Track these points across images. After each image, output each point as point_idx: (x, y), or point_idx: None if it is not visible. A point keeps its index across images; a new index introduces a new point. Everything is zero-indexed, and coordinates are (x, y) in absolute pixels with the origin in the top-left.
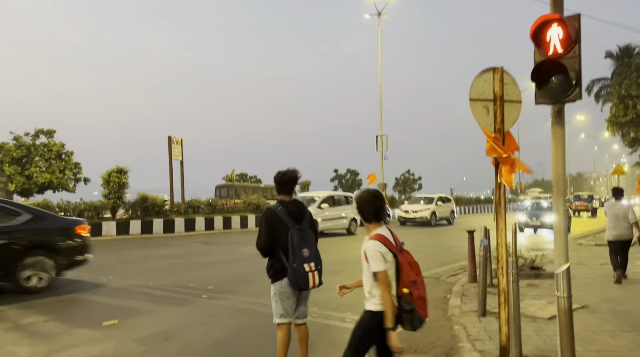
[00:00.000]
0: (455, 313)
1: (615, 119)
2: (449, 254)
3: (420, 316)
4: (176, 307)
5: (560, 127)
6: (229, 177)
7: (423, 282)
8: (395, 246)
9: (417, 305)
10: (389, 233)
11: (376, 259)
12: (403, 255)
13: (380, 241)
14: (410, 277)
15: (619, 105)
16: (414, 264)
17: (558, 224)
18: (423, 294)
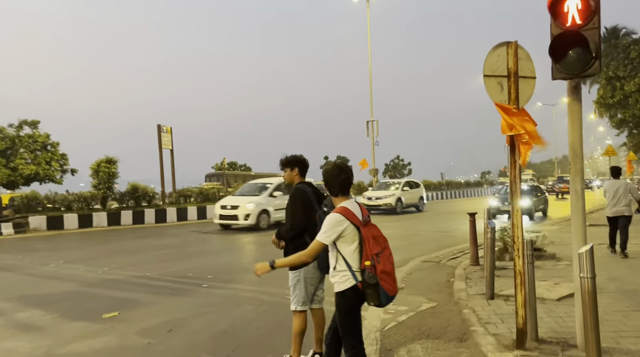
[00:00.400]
0: (462, 297)
1: (602, 101)
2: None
3: (387, 292)
4: (177, 298)
5: (578, 102)
6: (218, 166)
7: (390, 257)
8: (359, 219)
9: (381, 279)
10: (356, 207)
11: (326, 229)
12: (368, 228)
13: (342, 213)
14: (374, 250)
15: (607, 87)
16: (380, 238)
17: (575, 203)
18: (389, 268)
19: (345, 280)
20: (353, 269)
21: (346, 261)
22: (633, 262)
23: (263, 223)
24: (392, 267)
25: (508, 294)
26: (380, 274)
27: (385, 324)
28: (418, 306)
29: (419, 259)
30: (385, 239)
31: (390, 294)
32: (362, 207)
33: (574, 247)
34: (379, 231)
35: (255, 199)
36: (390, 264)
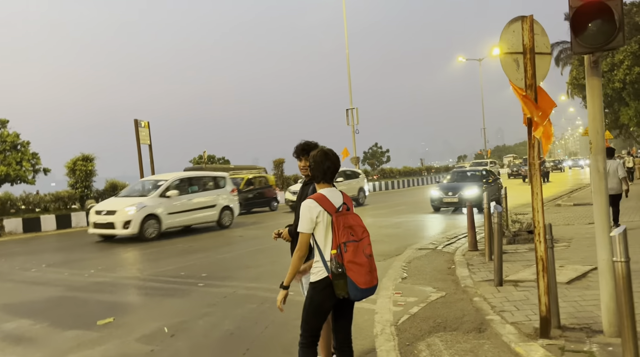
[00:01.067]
0: (468, 284)
1: (576, 81)
2: None
3: (356, 283)
4: (173, 299)
5: (597, 78)
6: (196, 160)
7: (367, 248)
8: (333, 206)
9: (348, 269)
10: (336, 195)
11: (303, 219)
12: (343, 217)
13: (316, 199)
14: (342, 238)
15: (580, 68)
16: (357, 228)
17: (598, 183)
18: (360, 259)
19: (317, 271)
20: (326, 259)
21: (319, 250)
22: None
23: (150, 232)
24: (365, 259)
25: (516, 280)
26: (347, 263)
27: (398, 317)
28: (427, 296)
29: (415, 246)
30: (364, 229)
31: (360, 286)
32: (346, 196)
33: (598, 229)
34: (359, 220)
35: (139, 200)
36: (364, 255)
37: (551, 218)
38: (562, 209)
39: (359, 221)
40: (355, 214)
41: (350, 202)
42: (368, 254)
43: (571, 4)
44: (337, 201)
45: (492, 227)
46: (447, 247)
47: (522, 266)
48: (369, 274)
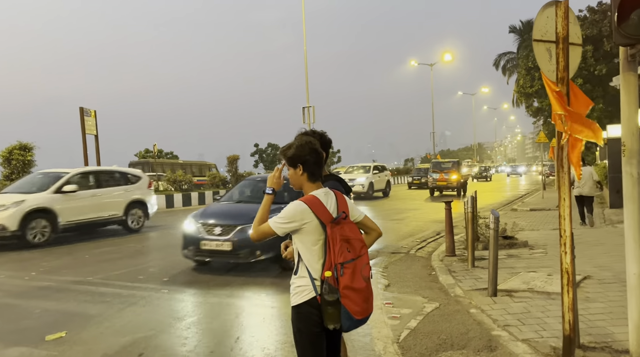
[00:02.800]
0: (459, 294)
1: (522, 90)
2: None
3: (351, 313)
4: (135, 308)
5: (634, 73)
6: (142, 154)
7: (365, 269)
8: (329, 215)
9: (344, 296)
10: (331, 198)
11: (283, 215)
12: (339, 228)
13: (309, 203)
14: (339, 258)
15: (526, 77)
16: (355, 242)
17: (631, 189)
18: (359, 284)
19: (302, 290)
20: (314, 277)
21: (306, 266)
22: (605, 245)
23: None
24: (364, 284)
25: (508, 289)
26: (343, 289)
27: (398, 332)
28: (421, 307)
29: (387, 250)
30: (363, 243)
31: (356, 317)
32: (341, 198)
33: (629, 240)
34: (356, 232)
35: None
36: (362, 278)
37: (515, 222)
38: (520, 214)
39: (357, 232)
40: (352, 223)
41: (346, 206)
42: (367, 276)
43: None
44: (333, 207)
45: (474, 232)
46: (420, 252)
47: (507, 273)
48: (366, 301)
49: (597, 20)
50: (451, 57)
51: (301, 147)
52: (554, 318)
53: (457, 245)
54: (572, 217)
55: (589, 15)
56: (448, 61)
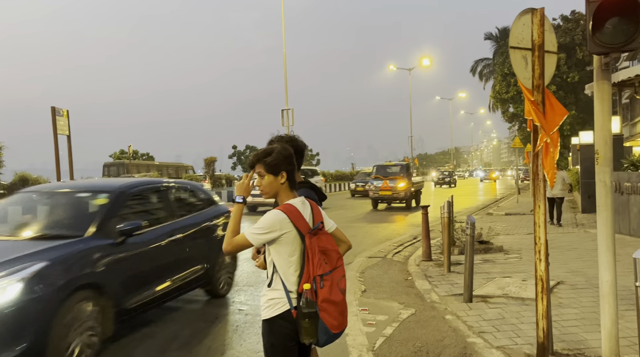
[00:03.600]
0: (435, 299)
1: (498, 96)
2: None
3: (328, 327)
4: None
5: (607, 82)
6: (117, 155)
7: (342, 281)
8: (307, 225)
9: (322, 310)
10: (307, 208)
11: (261, 225)
12: (317, 239)
13: (288, 212)
14: (318, 270)
15: (502, 83)
16: (332, 253)
17: (604, 198)
18: (337, 297)
19: (275, 303)
20: (289, 290)
21: (281, 278)
22: (577, 250)
23: None
24: (341, 296)
25: (484, 295)
26: (322, 302)
27: (373, 340)
28: (397, 314)
29: (364, 254)
30: (339, 254)
31: (332, 331)
32: (315, 208)
33: (601, 248)
34: (333, 243)
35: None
36: (340, 291)
37: (491, 227)
38: (496, 218)
39: (333, 243)
40: (328, 234)
41: (321, 216)
42: (343, 288)
43: None
44: (309, 217)
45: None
46: (397, 256)
47: (482, 279)
48: (342, 314)
49: (570, 29)
50: (429, 62)
51: (285, 155)
52: (528, 324)
53: (433, 249)
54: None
55: (562, 23)
56: (426, 66)
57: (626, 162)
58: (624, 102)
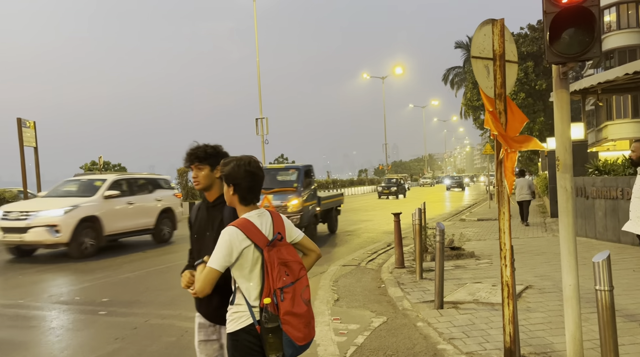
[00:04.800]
0: (407, 307)
1: (470, 103)
2: None
3: (293, 340)
4: (71, 333)
5: (566, 91)
6: (88, 166)
7: (305, 292)
8: (264, 237)
9: (285, 322)
10: (266, 219)
11: (218, 250)
12: (277, 251)
13: (243, 228)
14: (278, 282)
15: (473, 90)
16: (293, 264)
17: (565, 203)
18: (300, 309)
19: (239, 317)
20: (252, 304)
21: (243, 293)
22: (544, 255)
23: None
24: (305, 307)
25: (454, 301)
26: (284, 315)
27: (345, 350)
28: (369, 323)
29: (338, 262)
30: (302, 265)
31: (298, 344)
32: (277, 219)
33: (564, 252)
34: (294, 254)
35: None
36: (303, 302)
37: (462, 233)
38: (468, 223)
39: (295, 254)
40: (289, 245)
41: (283, 227)
42: (307, 299)
43: (546, 9)
44: (268, 229)
45: (422, 243)
46: (370, 264)
47: (453, 285)
48: (308, 326)
49: (537, 38)
50: (402, 70)
51: (237, 168)
52: (497, 329)
53: (406, 256)
54: (513, 227)
55: (529, 32)
56: (399, 74)
57: (590, 167)
58: (589, 109)
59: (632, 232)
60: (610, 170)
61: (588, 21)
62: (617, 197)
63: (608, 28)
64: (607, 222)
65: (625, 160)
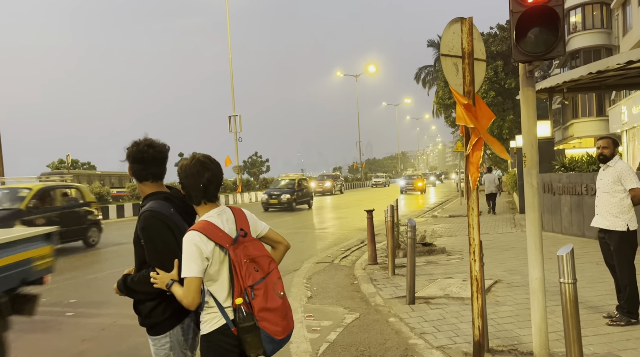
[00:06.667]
0: (379, 302)
1: (441, 101)
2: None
3: (272, 335)
4: (36, 335)
5: (532, 88)
6: (55, 165)
7: (277, 285)
8: (227, 236)
9: (261, 319)
10: (227, 216)
11: (189, 258)
12: (243, 248)
13: (204, 231)
14: (248, 280)
15: (445, 89)
16: (262, 259)
17: (532, 198)
18: (274, 303)
19: (212, 318)
20: (223, 305)
21: (213, 295)
22: (512, 250)
23: None
24: (279, 301)
25: (426, 296)
26: (259, 312)
27: (317, 346)
28: (342, 319)
29: (312, 260)
30: (271, 259)
31: (277, 338)
32: (239, 215)
33: (530, 246)
34: (261, 248)
35: None
36: (276, 295)
37: (434, 229)
38: (440, 220)
39: (262, 248)
40: (255, 240)
41: (246, 222)
42: (280, 292)
43: (512, 8)
44: (230, 227)
45: (395, 240)
46: (344, 261)
47: (425, 280)
48: (285, 318)
49: (507, 37)
50: (375, 68)
51: (182, 167)
52: (466, 323)
53: (379, 253)
54: (482, 223)
55: (498, 32)
56: (372, 72)
57: (557, 163)
58: (556, 108)
59: (598, 226)
60: (575, 167)
61: (552, 21)
62: (581, 193)
63: (574, 29)
64: (573, 217)
65: (590, 157)
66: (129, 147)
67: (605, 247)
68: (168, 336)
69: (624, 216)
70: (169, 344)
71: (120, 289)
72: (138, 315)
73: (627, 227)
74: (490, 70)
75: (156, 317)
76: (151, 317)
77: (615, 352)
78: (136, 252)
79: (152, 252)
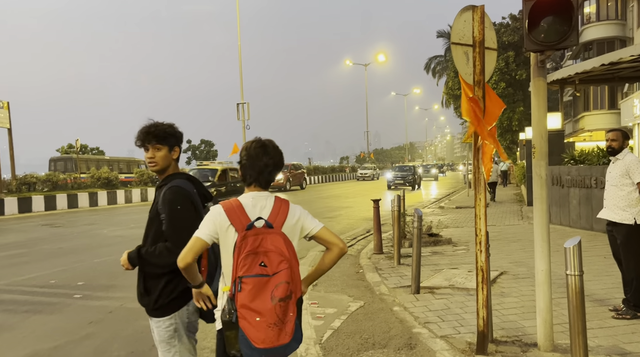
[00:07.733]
0: (384, 292)
1: (451, 92)
2: None
3: (250, 340)
4: (42, 316)
5: (543, 79)
6: (65, 150)
7: (280, 288)
8: (243, 223)
9: (242, 317)
10: (264, 202)
11: (204, 224)
12: (254, 238)
13: (225, 206)
14: (240, 270)
15: (454, 79)
16: (273, 255)
17: (540, 191)
18: (259, 304)
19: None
20: (224, 291)
21: (225, 283)
22: (519, 242)
23: None
24: (269, 306)
25: (431, 286)
26: (240, 309)
27: (321, 333)
28: (346, 307)
29: (317, 248)
30: (284, 260)
31: (256, 345)
32: (279, 206)
33: (537, 238)
34: (280, 245)
35: None
36: (269, 298)
37: (441, 220)
38: (447, 211)
39: (280, 245)
40: (277, 234)
41: (283, 215)
42: (278, 297)
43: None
44: (256, 213)
45: (400, 230)
46: (350, 249)
47: (430, 270)
48: (272, 328)
49: (519, 28)
50: (385, 58)
51: (246, 147)
52: (471, 314)
53: (385, 242)
54: (490, 214)
55: (510, 22)
56: (382, 62)
57: (566, 156)
58: (567, 100)
59: (606, 218)
60: (585, 159)
61: (566, 10)
62: (591, 186)
63: (587, 19)
64: (581, 210)
65: (600, 150)
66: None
67: (613, 240)
68: (173, 317)
69: (631, 210)
70: (173, 327)
71: (132, 262)
72: (146, 294)
73: (635, 221)
74: (501, 61)
75: (164, 298)
76: (161, 296)
77: (620, 345)
78: (151, 227)
79: (175, 221)
